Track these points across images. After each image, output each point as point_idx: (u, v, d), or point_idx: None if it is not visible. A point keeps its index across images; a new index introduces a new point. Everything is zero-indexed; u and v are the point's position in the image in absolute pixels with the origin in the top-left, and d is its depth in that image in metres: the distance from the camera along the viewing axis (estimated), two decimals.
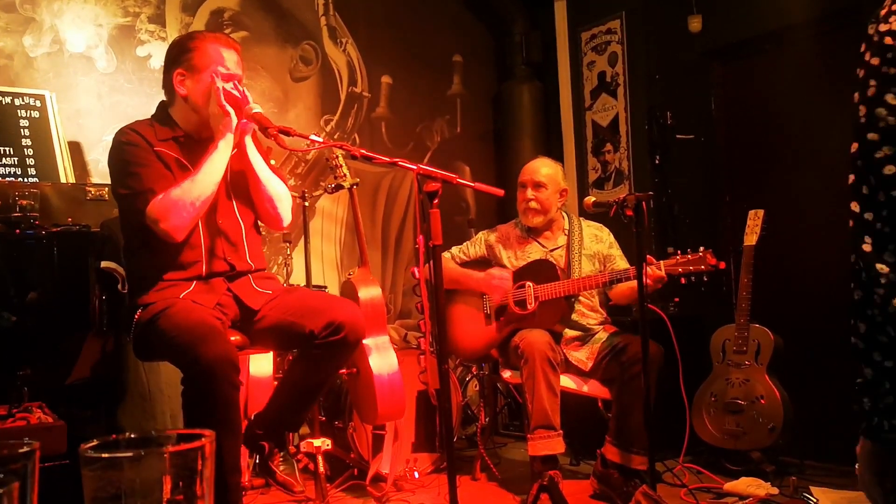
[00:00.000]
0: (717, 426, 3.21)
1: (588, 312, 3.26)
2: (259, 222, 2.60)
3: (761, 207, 3.32)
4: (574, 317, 3.23)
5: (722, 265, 2.84)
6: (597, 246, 3.29)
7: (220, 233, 2.42)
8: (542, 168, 3.33)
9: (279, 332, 2.40)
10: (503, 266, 3.29)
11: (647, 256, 2.85)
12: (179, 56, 2.41)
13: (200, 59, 2.38)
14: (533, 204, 3.26)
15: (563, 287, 3.10)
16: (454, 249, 3.44)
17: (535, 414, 2.90)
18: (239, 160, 2.45)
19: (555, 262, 3.22)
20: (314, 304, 2.38)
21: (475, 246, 3.42)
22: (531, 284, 3.16)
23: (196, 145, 2.41)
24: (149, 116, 2.50)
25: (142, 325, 2.27)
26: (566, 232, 3.33)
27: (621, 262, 3.26)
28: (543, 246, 3.31)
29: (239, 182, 2.47)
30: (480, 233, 3.48)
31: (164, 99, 2.50)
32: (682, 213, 4.23)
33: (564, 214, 3.38)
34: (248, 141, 2.43)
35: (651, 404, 2.58)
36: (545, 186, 3.27)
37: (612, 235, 3.37)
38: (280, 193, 2.49)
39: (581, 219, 3.40)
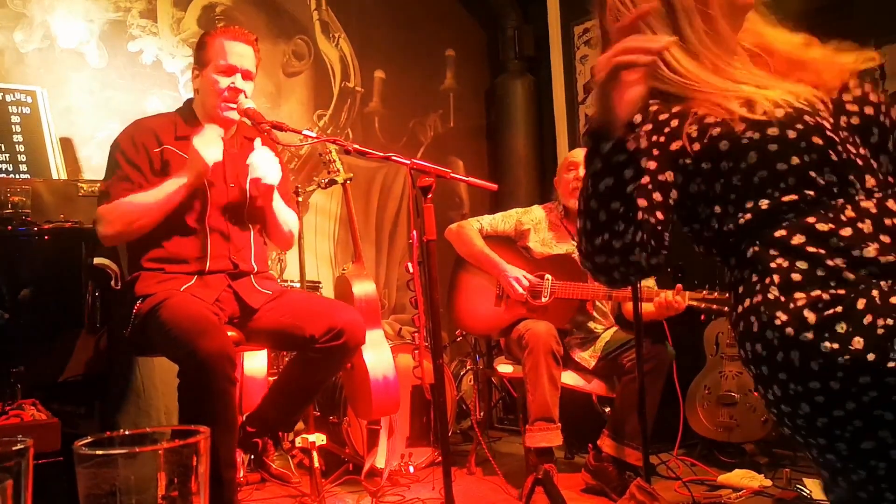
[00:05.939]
0: (711, 419, 3.22)
1: (598, 317, 3.23)
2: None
3: None
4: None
5: None
6: None
7: (225, 234, 2.43)
8: None
9: (277, 334, 2.40)
10: (528, 249, 3.21)
11: (677, 286, 2.85)
12: (197, 51, 2.49)
13: (207, 54, 2.43)
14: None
15: (580, 290, 3.03)
16: (484, 220, 3.30)
17: (535, 405, 2.88)
18: (257, 189, 2.51)
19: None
20: (315, 308, 2.37)
21: (505, 223, 3.29)
22: (550, 277, 3.11)
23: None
24: (148, 112, 2.54)
25: (141, 317, 2.28)
26: None
27: (646, 280, 3.11)
28: (574, 239, 3.25)
29: (255, 203, 2.53)
30: (514, 210, 3.37)
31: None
32: None
33: None
34: (276, 195, 2.51)
35: (656, 404, 2.58)
36: None
37: None
38: (292, 227, 2.61)
39: None
